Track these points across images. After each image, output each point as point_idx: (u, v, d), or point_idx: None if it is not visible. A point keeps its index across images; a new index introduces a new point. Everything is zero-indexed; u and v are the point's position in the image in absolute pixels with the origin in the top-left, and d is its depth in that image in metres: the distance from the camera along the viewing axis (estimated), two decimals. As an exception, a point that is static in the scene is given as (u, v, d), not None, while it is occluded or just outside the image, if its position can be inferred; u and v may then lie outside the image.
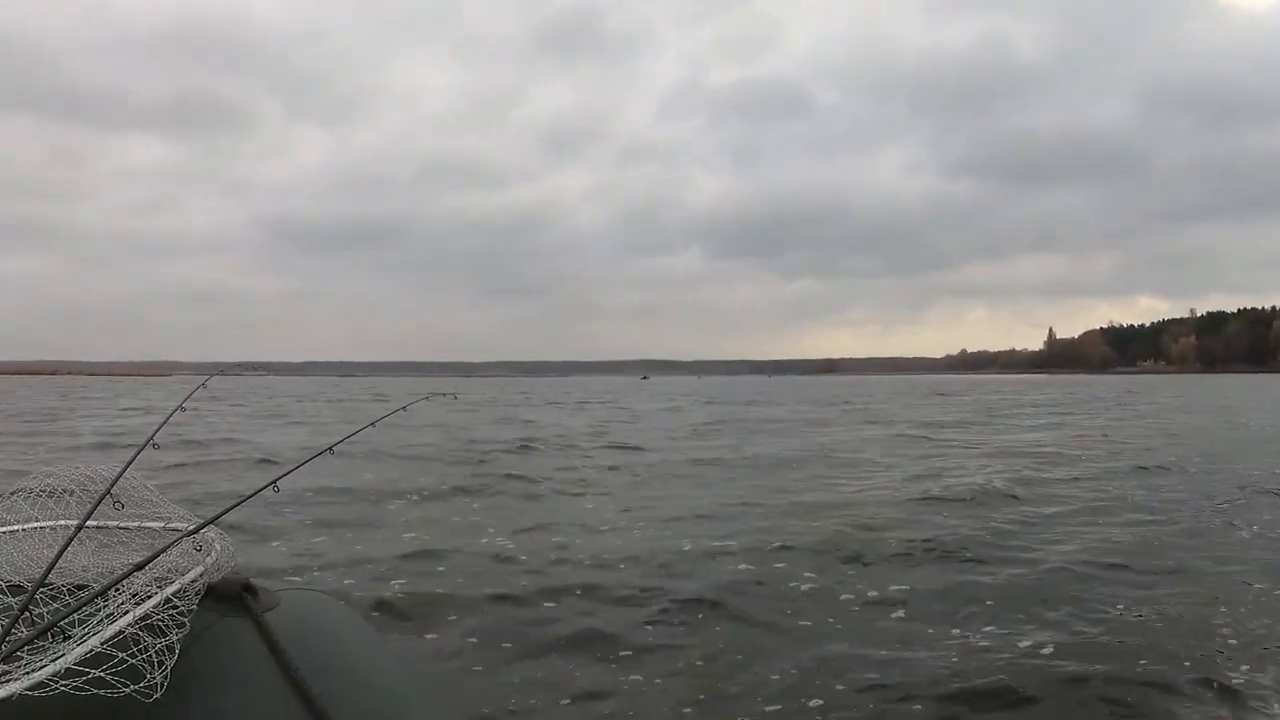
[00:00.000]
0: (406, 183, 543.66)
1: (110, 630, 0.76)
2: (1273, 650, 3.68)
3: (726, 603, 4.38)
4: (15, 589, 0.85)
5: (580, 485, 9.18)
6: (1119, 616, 4.20)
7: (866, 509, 7.25)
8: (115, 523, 1.05)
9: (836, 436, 16.01)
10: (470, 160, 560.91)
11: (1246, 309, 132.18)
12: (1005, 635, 3.92)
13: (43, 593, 0.84)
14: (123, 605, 0.80)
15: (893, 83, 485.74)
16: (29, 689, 0.69)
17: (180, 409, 1.57)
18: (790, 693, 3.29)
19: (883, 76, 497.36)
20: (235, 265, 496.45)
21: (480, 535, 6.29)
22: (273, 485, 1.18)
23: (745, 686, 3.35)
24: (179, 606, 0.84)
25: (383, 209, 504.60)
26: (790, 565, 5.18)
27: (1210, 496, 7.91)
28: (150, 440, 1.32)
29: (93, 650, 0.74)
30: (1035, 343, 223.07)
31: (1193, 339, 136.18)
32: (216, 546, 0.96)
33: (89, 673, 0.72)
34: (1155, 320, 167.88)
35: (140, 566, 0.85)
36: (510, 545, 5.88)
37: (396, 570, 5.13)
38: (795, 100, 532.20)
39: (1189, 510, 7.22)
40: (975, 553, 5.54)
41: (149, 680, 0.76)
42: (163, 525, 1.04)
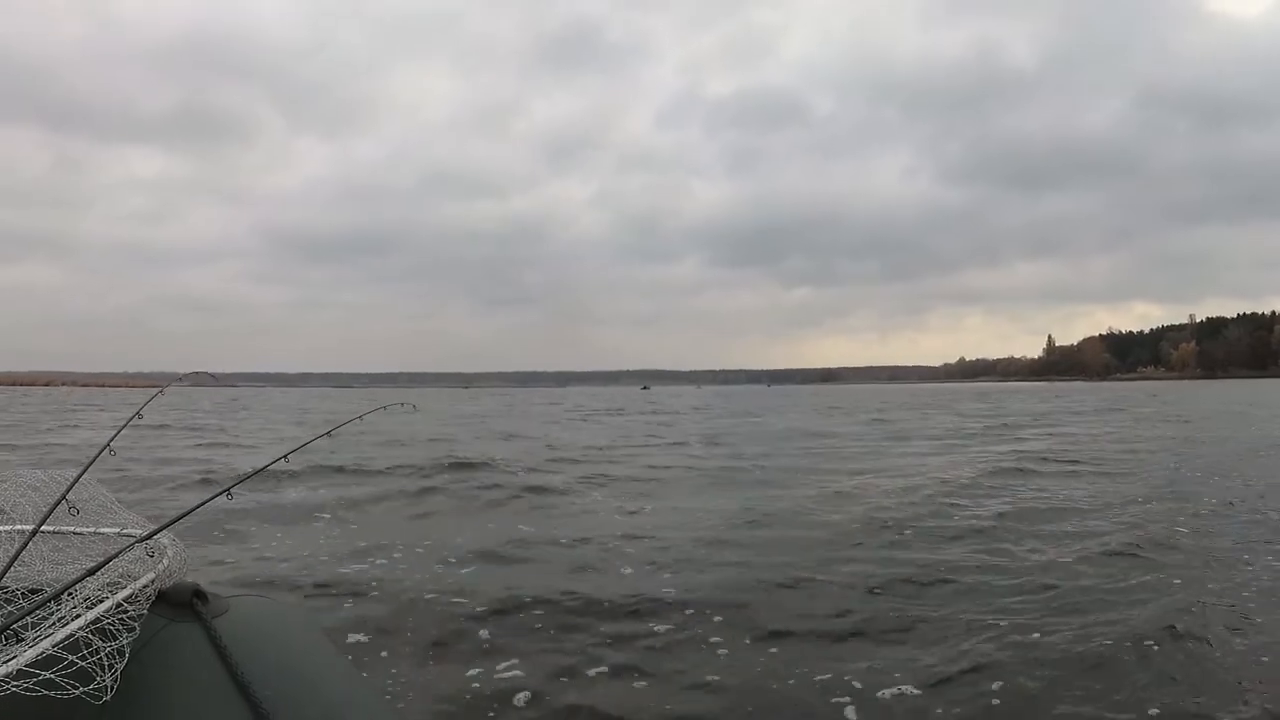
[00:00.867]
0: (407, 193, 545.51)
1: (62, 633, 0.81)
2: None
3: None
4: None
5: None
6: None
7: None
8: (71, 528, 1.11)
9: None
10: (471, 170, 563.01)
11: (1246, 314, 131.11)
12: None
13: None
14: (75, 609, 0.85)
15: (888, 90, 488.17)
16: None
17: (138, 416, 1.67)
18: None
19: (878, 84, 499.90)
20: (236, 275, 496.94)
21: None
22: (226, 493, 1.28)
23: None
24: (130, 611, 0.89)
25: (383, 219, 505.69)
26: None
27: None
28: (106, 446, 1.43)
29: (44, 653, 0.78)
30: (1033, 349, 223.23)
31: (1193, 345, 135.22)
32: (169, 553, 1.02)
33: (40, 674, 0.77)
34: (1149, 326, 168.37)
35: (93, 571, 0.91)
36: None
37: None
38: (792, 108, 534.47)
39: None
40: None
41: (99, 683, 0.81)
42: (117, 531, 1.11)
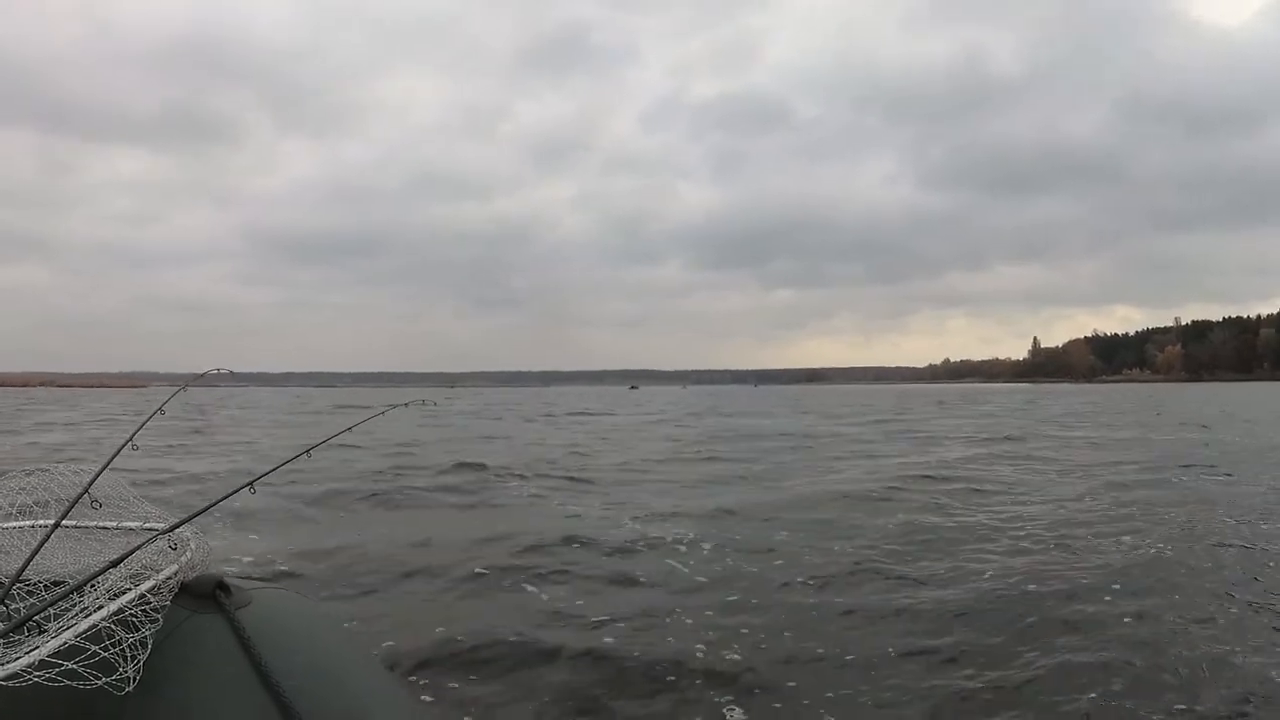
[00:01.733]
0: (394, 194, 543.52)
1: (84, 624, 0.81)
2: None
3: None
4: None
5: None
6: None
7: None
8: (93, 522, 1.11)
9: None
10: (458, 172, 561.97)
11: (1232, 318, 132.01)
12: None
13: (19, 588, 0.90)
14: (97, 601, 0.85)
15: (872, 94, 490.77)
16: (3, 680, 0.74)
17: (160, 411, 1.62)
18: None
19: (862, 89, 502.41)
20: (223, 276, 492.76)
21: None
22: (249, 487, 1.25)
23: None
24: (153, 603, 0.89)
25: (370, 221, 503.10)
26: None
27: None
28: (129, 441, 1.37)
29: (66, 644, 0.78)
30: (1016, 351, 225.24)
31: (1178, 348, 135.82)
32: (191, 545, 1.02)
33: (63, 664, 0.76)
34: (1132, 329, 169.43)
35: (115, 563, 0.90)
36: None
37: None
38: (776, 112, 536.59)
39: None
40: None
41: (121, 674, 0.81)
42: (139, 524, 1.11)
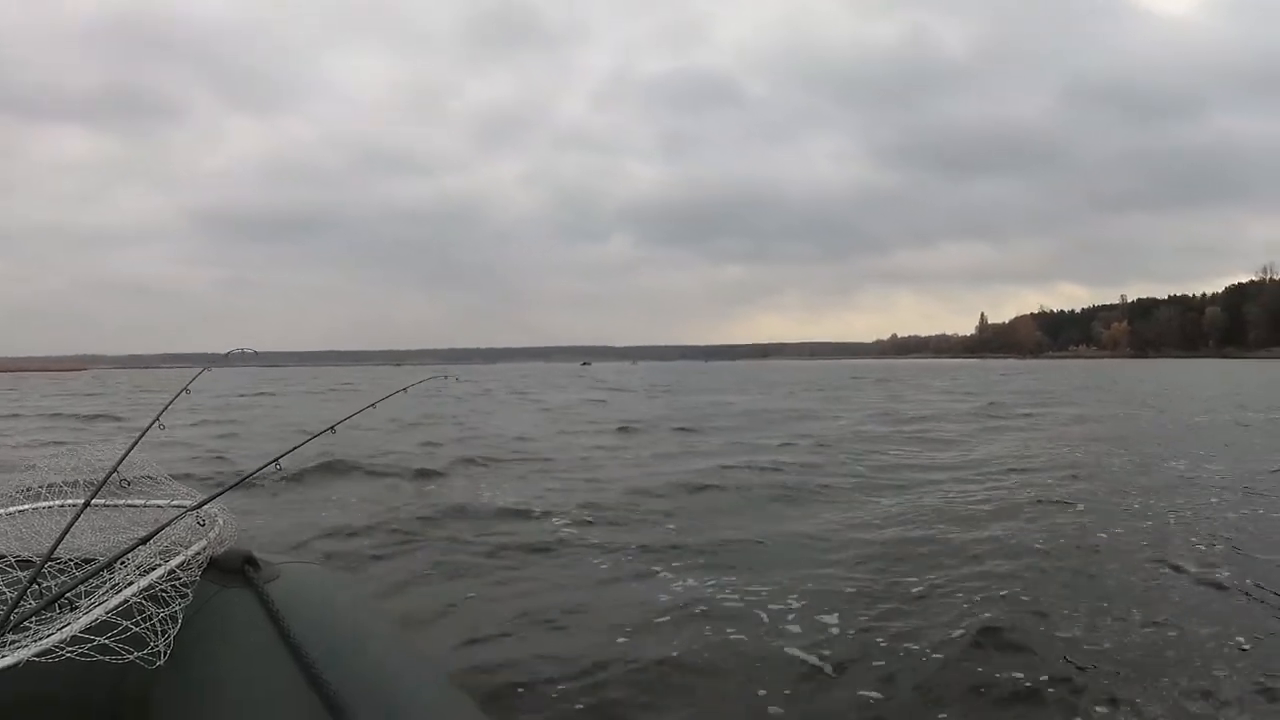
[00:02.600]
0: (341, 173, 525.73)
1: (115, 600, 0.84)
2: None
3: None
4: (25, 563, 0.95)
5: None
6: None
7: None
8: (122, 501, 1.13)
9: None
10: (405, 149, 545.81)
11: (1178, 296, 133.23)
12: None
13: (51, 567, 0.91)
14: (127, 577, 0.88)
15: (821, 75, 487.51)
16: (36, 656, 0.76)
17: (185, 391, 1.70)
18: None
19: (811, 69, 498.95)
20: (166, 257, 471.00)
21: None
22: (275, 463, 1.33)
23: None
24: (182, 578, 0.92)
25: (316, 199, 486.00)
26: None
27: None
28: (156, 420, 1.42)
29: (98, 619, 0.81)
30: (963, 327, 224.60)
31: (1125, 324, 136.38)
32: (220, 521, 1.04)
33: (94, 640, 0.80)
34: (1076, 306, 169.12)
35: (144, 540, 0.93)
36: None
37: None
38: (725, 91, 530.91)
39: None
40: None
41: (152, 648, 0.84)
42: (167, 502, 1.13)
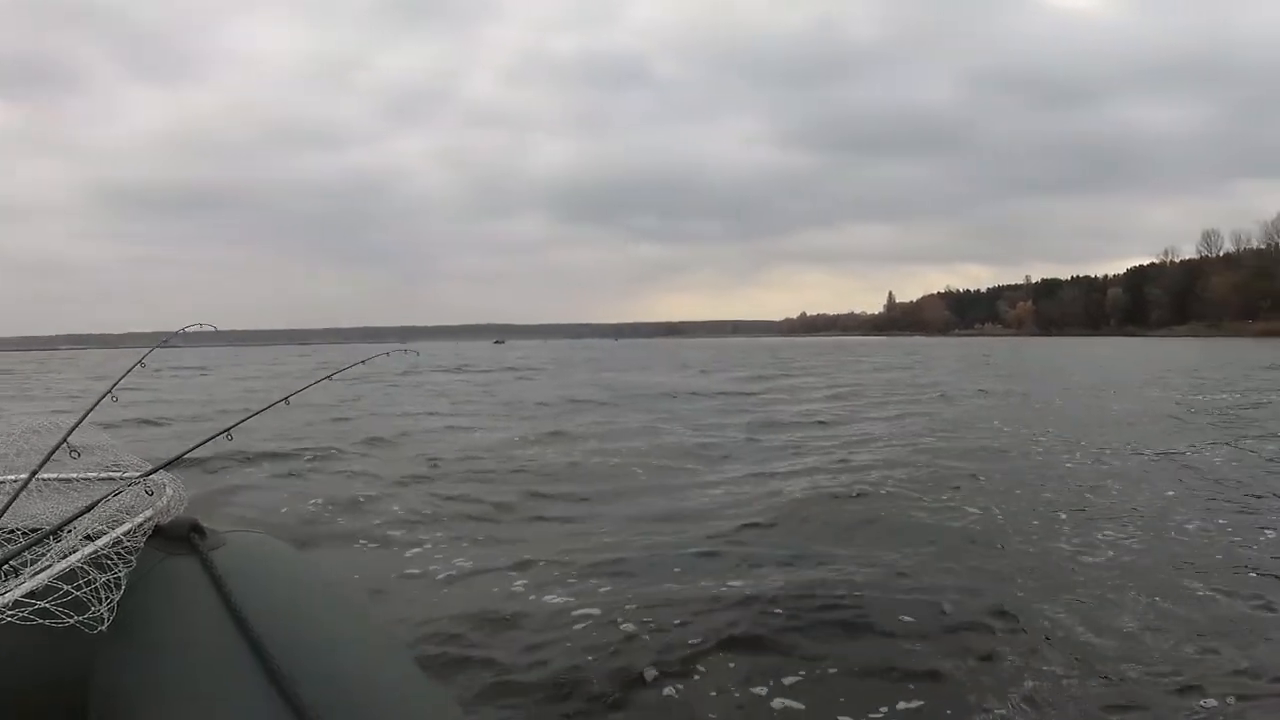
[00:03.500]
0: (247, 146, 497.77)
1: (59, 566, 0.83)
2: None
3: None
4: None
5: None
6: None
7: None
8: (72, 471, 1.15)
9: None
10: (313, 123, 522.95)
11: (1080, 276, 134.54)
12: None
13: None
14: (72, 543, 0.87)
15: (732, 57, 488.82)
16: None
17: (140, 365, 1.74)
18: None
19: (722, 50, 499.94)
20: (64, 233, 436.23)
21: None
22: (226, 434, 1.41)
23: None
24: (127, 545, 0.91)
25: (220, 173, 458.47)
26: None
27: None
28: (108, 393, 1.45)
29: (41, 585, 0.80)
30: (871, 306, 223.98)
31: (1030, 304, 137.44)
32: (168, 490, 1.04)
33: (37, 604, 0.78)
34: (980, 286, 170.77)
35: (91, 508, 0.93)
36: None
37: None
38: (637, 70, 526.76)
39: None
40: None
41: (95, 613, 0.82)
42: (117, 472, 1.14)
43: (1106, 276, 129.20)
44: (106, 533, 0.90)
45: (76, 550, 0.85)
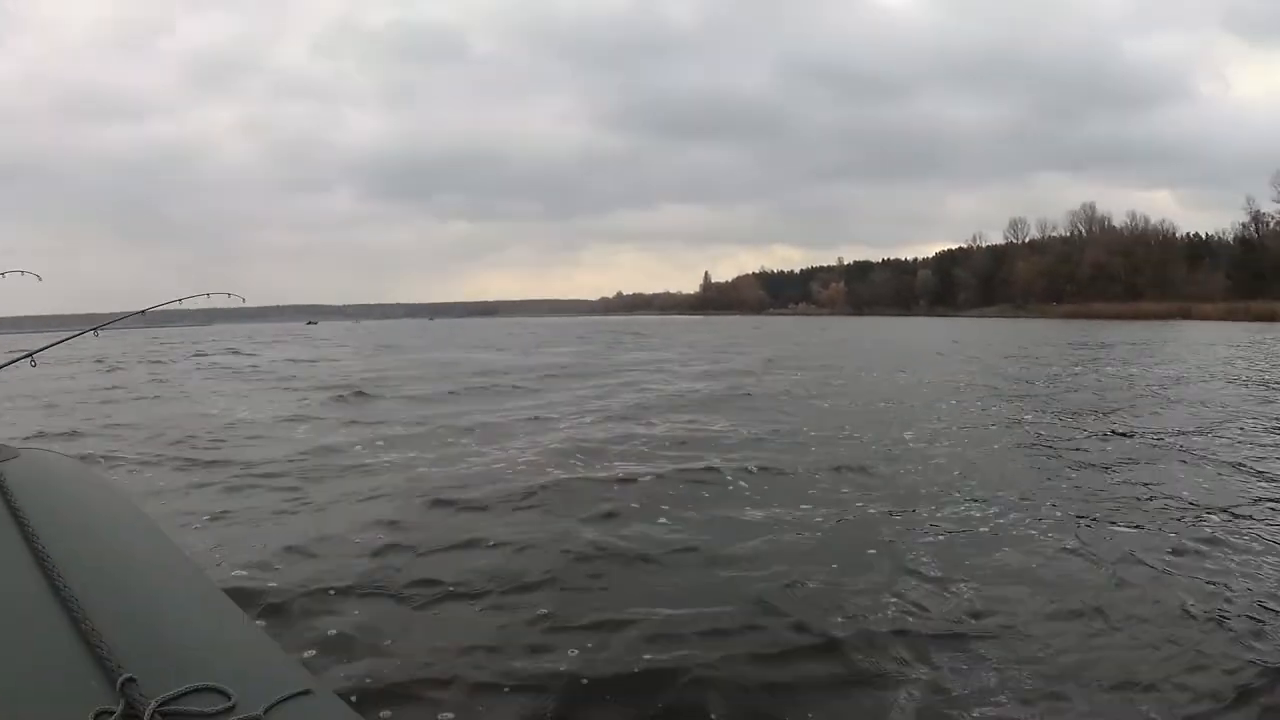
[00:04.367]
0: (40, 116, 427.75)
1: None
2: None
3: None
4: None
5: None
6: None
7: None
8: None
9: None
10: (111, 93, 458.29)
11: (891, 259, 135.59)
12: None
13: None
14: None
15: (548, 35, 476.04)
16: None
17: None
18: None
19: (539, 28, 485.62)
20: None
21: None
22: (30, 359, 1.47)
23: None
24: None
25: (11, 145, 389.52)
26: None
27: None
28: None
29: None
30: (686, 285, 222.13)
31: (842, 285, 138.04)
32: None
33: None
34: (792, 267, 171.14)
35: None
36: None
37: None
38: (451, 45, 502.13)
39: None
40: None
41: None
42: None
43: (916, 260, 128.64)
44: None
45: None
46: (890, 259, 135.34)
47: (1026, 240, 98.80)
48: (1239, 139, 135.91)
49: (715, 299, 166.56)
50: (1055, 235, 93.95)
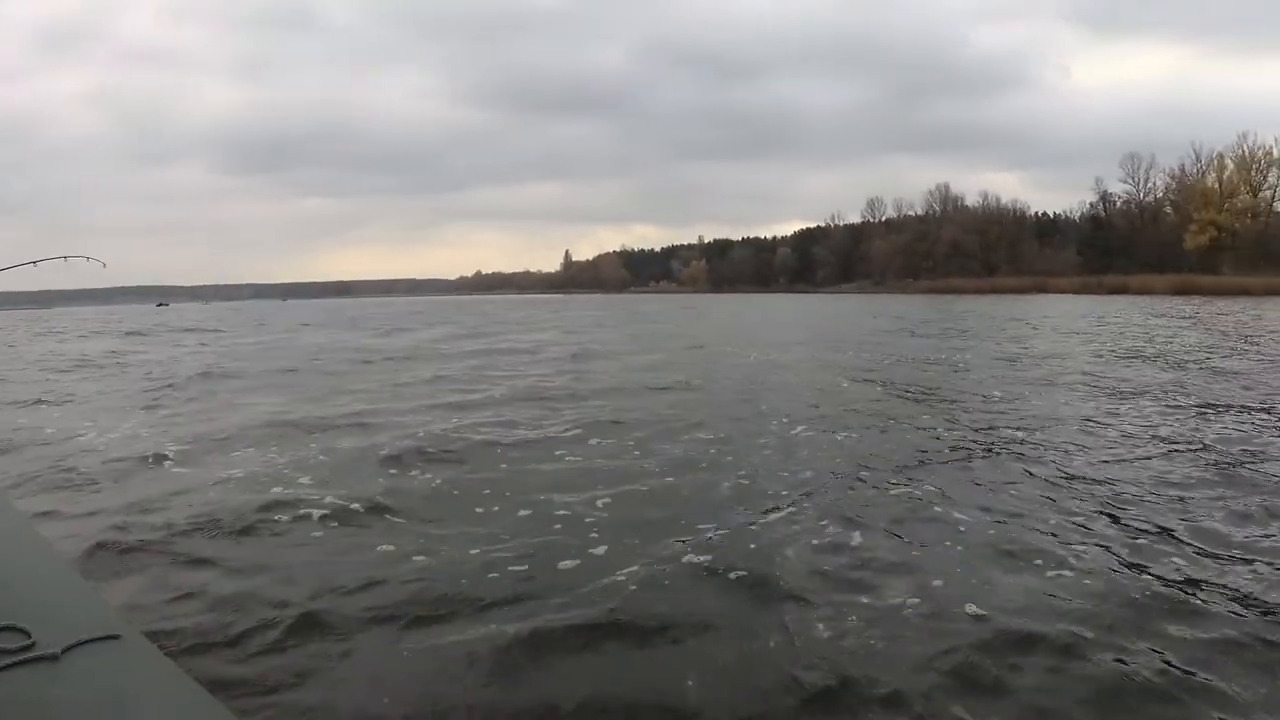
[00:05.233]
0: None
1: None
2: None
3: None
4: None
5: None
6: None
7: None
8: None
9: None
10: None
11: (751, 237, 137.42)
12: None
13: None
14: None
15: (407, 8, 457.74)
16: None
17: None
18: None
19: (396, 2, 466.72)
20: None
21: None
22: None
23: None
24: None
25: None
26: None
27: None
28: None
29: None
30: (547, 264, 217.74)
31: (703, 263, 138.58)
32: None
33: None
34: (651, 246, 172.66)
35: None
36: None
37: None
38: (306, 16, 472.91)
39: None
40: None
41: None
42: None
43: (775, 238, 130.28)
44: None
45: None
46: (750, 237, 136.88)
47: (884, 219, 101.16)
48: (1080, 125, 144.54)
49: (577, 278, 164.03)
50: (911, 214, 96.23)
